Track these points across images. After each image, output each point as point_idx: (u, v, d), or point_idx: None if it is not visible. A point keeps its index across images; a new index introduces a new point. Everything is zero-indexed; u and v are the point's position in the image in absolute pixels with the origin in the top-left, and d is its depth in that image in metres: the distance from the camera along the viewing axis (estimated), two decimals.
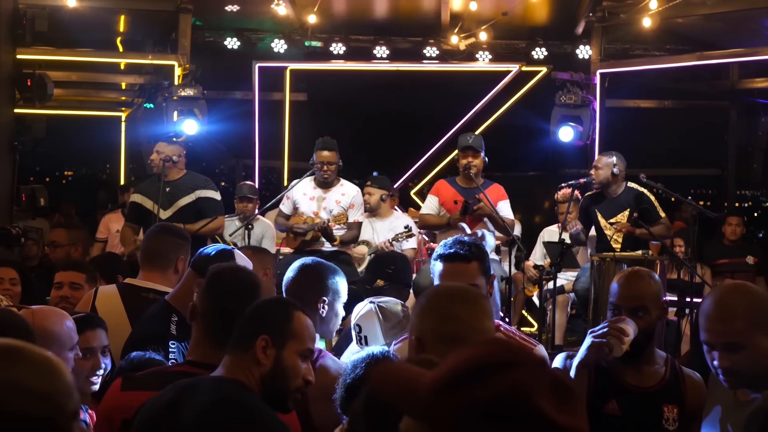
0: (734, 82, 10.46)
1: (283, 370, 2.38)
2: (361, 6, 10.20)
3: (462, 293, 2.34)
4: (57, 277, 4.39)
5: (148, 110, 9.73)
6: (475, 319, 2.25)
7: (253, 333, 2.38)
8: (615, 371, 2.92)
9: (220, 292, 2.65)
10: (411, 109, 10.70)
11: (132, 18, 9.95)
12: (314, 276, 3.19)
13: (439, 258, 3.08)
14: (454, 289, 2.40)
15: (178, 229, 3.92)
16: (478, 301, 2.32)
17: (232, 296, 2.62)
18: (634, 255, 6.41)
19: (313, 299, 3.12)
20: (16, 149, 8.47)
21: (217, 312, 2.62)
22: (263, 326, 2.40)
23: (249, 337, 2.38)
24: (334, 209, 6.74)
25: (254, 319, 2.43)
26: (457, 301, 2.29)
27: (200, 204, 6.62)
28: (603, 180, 6.85)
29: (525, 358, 1.33)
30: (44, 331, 2.82)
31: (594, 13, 9.49)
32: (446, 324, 2.22)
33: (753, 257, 8.40)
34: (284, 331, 2.40)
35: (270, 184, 11.99)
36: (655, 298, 2.92)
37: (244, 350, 2.38)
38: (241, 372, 2.37)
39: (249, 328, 2.41)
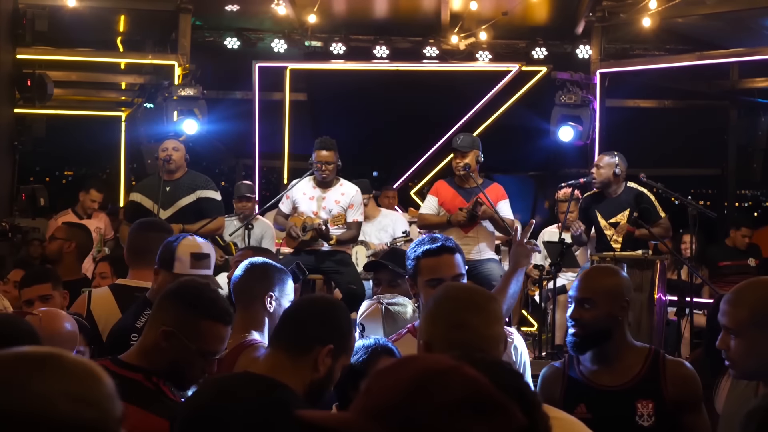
0: (734, 82, 10.46)
1: (330, 381, 2.42)
2: (361, 6, 10.20)
3: (472, 298, 2.30)
4: (24, 294, 4.26)
5: (148, 110, 9.72)
6: (485, 326, 2.23)
7: (320, 339, 2.38)
8: (586, 375, 2.97)
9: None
10: (411, 109, 10.70)
11: (132, 18, 9.95)
12: (261, 273, 3.19)
13: (424, 254, 3.01)
14: (463, 294, 2.35)
15: (163, 224, 3.92)
16: (488, 306, 2.29)
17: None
18: (634, 255, 6.42)
19: (260, 295, 3.13)
20: (16, 149, 8.47)
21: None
22: (332, 336, 2.41)
23: (313, 341, 2.38)
24: (333, 209, 6.74)
25: (321, 324, 2.43)
26: (467, 307, 2.26)
27: (201, 204, 6.61)
28: (604, 179, 6.85)
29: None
30: (53, 333, 2.83)
31: (594, 12, 9.49)
32: (455, 331, 2.20)
33: (754, 259, 8.42)
34: (345, 345, 2.45)
35: (270, 184, 11.99)
36: (607, 294, 2.92)
37: (304, 353, 2.38)
38: (294, 372, 2.36)
39: (315, 332, 2.40)
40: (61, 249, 5.54)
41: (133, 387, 2.41)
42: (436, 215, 6.99)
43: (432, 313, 2.29)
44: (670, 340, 6.94)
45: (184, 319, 2.48)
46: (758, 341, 2.48)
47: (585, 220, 7.01)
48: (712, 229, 9.12)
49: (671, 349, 6.85)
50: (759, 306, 2.50)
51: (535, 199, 12.18)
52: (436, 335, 2.23)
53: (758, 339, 2.47)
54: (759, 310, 2.49)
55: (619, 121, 10.03)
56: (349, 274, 6.70)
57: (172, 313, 2.50)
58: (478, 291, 2.38)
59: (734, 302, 2.53)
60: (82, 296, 3.79)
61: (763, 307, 2.50)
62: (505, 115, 10.42)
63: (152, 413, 2.38)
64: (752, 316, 2.48)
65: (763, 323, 2.48)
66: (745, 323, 2.48)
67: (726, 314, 2.53)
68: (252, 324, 3.09)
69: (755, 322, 2.48)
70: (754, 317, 2.48)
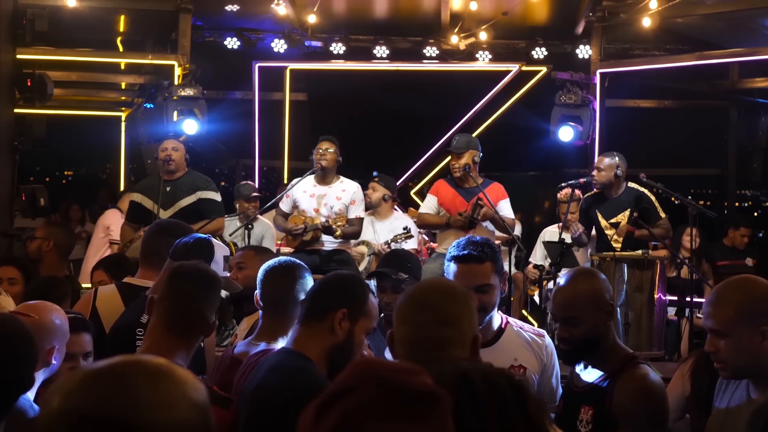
0: (734, 82, 10.46)
1: (351, 344, 2.60)
2: (361, 6, 10.20)
3: (420, 297, 2.27)
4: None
5: (148, 110, 9.72)
6: (430, 325, 2.19)
7: (333, 305, 2.59)
8: (575, 374, 3.02)
9: (176, 291, 2.74)
10: (411, 109, 10.70)
11: (132, 18, 9.95)
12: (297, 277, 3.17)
13: (452, 259, 3.11)
14: (416, 292, 2.31)
15: (177, 228, 3.85)
16: (431, 305, 2.24)
17: (186, 296, 2.72)
18: (634, 254, 6.42)
19: (298, 299, 3.09)
20: (16, 149, 8.47)
21: (169, 309, 2.71)
22: (344, 300, 2.61)
23: (327, 308, 2.59)
24: (334, 206, 6.73)
25: (335, 292, 2.64)
26: (411, 305, 2.25)
27: (201, 205, 6.62)
28: (606, 181, 6.84)
29: (362, 380, 1.31)
30: (51, 325, 2.85)
31: (594, 12, 9.48)
32: (400, 328, 2.22)
33: (752, 259, 8.41)
34: (360, 309, 2.63)
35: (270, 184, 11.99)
36: (590, 305, 2.88)
37: (320, 320, 2.59)
38: (312, 340, 2.58)
39: (328, 300, 2.61)
40: (41, 248, 5.55)
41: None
42: (436, 215, 6.99)
43: (395, 308, 2.29)
44: (670, 340, 6.94)
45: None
46: (747, 338, 2.49)
47: (586, 221, 7.01)
48: (712, 229, 9.11)
49: (671, 350, 6.86)
50: (744, 303, 2.51)
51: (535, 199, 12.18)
52: (394, 330, 2.24)
53: (746, 336, 2.49)
54: (744, 306, 2.50)
55: (619, 121, 10.03)
56: None
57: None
58: (441, 290, 2.30)
59: (717, 303, 2.53)
60: (88, 293, 3.78)
61: (748, 303, 2.51)
62: (505, 115, 10.42)
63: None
64: (738, 313, 2.49)
65: (749, 319, 2.49)
66: (732, 322, 2.49)
67: (711, 316, 2.54)
68: (285, 329, 3.03)
69: (742, 319, 2.49)
70: (739, 314, 2.49)
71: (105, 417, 1.17)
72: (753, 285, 2.57)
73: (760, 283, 2.59)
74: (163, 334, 2.72)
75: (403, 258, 4.59)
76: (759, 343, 2.48)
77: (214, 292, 2.83)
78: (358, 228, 6.82)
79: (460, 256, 3.09)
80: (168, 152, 6.65)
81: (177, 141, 6.93)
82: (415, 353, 2.09)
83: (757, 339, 2.48)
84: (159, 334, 2.73)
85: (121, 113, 10.98)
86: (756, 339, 2.48)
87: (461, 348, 2.13)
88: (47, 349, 2.84)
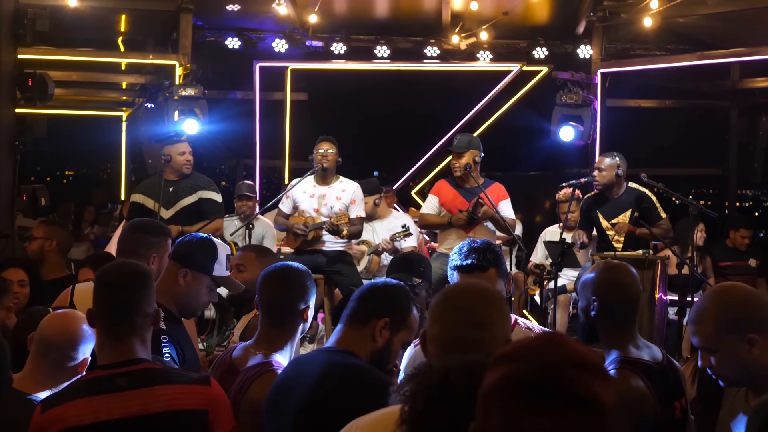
0: (735, 82, 10.46)
1: (388, 353, 2.68)
2: (361, 6, 10.20)
3: (459, 302, 2.28)
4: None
5: (149, 110, 9.72)
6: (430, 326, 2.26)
7: (377, 313, 2.67)
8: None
9: (104, 289, 2.67)
10: (412, 109, 10.70)
11: (133, 18, 9.95)
12: (300, 284, 3.07)
13: (456, 269, 3.15)
14: (460, 295, 2.34)
15: (152, 226, 3.78)
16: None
17: (115, 289, 2.65)
18: (635, 254, 6.42)
19: (299, 307, 3.04)
20: (17, 149, 8.47)
21: (104, 310, 2.64)
22: (387, 310, 2.68)
23: (371, 315, 2.67)
24: (334, 206, 6.73)
25: (380, 300, 2.71)
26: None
27: (201, 205, 6.63)
28: (606, 182, 6.84)
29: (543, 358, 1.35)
30: (85, 334, 2.90)
31: (595, 12, 9.48)
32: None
33: (755, 260, 8.41)
34: (402, 321, 2.70)
35: (270, 183, 12.00)
36: (633, 290, 2.92)
37: (363, 324, 2.67)
38: (354, 342, 2.65)
39: (373, 307, 2.69)
40: (42, 248, 5.53)
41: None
42: (437, 215, 6.99)
43: (429, 307, 2.32)
44: (671, 339, 6.95)
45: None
46: (734, 349, 2.47)
47: (586, 221, 7.01)
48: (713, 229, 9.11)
49: (672, 349, 6.86)
50: (721, 315, 2.49)
51: (536, 199, 12.18)
52: (427, 328, 2.26)
53: (733, 346, 2.47)
54: (722, 319, 2.49)
55: (619, 121, 10.02)
56: (350, 274, 6.70)
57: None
58: (473, 291, 2.34)
59: (697, 320, 2.53)
60: (65, 291, 3.73)
61: (725, 314, 2.49)
62: (506, 115, 10.42)
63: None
64: (717, 327, 2.48)
65: (730, 330, 2.47)
66: (715, 336, 2.49)
67: (696, 334, 2.55)
68: (284, 340, 3.01)
69: (723, 332, 2.47)
70: (719, 328, 2.48)
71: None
72: (729, 295, 2.55)
73: (737, 290, 2.57)
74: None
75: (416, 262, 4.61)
76: (747, 351, 2.46)
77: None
78: (360, 227, 6.82)
79: (464, 266, 3.14)
80: (186, 156, 6.72)
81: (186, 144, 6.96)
82: (447, 353, 2.11)
83: (744, 348, 2.46)
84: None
85: (122, 113, 10.98)
86: (743, 348, 2.46)
87: (493, 350, 2.14)
88: (84, 360, 2.89)
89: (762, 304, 2.53)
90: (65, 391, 2.58)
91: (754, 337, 2.45)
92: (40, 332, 2.91)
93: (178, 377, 2.57)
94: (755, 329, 2.45)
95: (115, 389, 2.48)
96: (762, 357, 2.45)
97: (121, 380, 2.49)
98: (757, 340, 2.45)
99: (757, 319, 2.48)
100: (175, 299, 3.28)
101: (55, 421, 2.46)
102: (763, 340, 2.45)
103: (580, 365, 1.30)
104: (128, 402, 2.47)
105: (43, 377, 2.86)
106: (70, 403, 2.48)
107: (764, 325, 2.48)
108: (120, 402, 2.47)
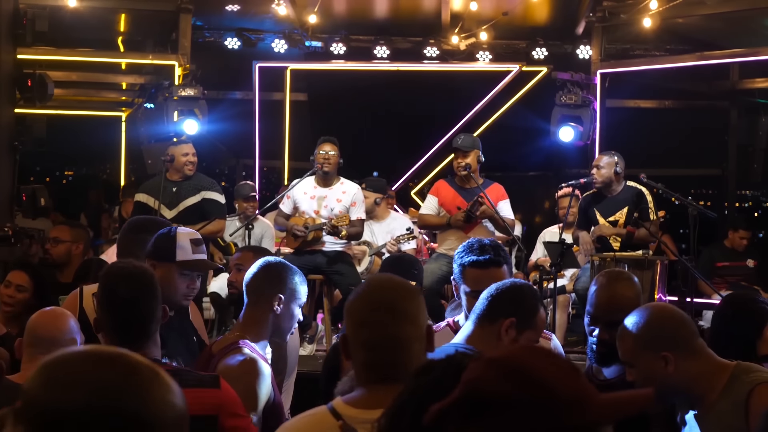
0: (734, 82, 10.46)
1: None
2: (361, 6, 10.20)
3: (382, 296, 2.14)
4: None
5: (148, 110, 9.73)
6: (392, 325, 2.09)
7: (504, 312, 2.75)
8: (594, 369, 3.09)
9: (115, 304, 2.64)
10: (411, 109, 10.70)
11: (132, 18, 9.95)
12: (274, 273, 3.15)
13: (472, 264, 3.15)
14: (374, 291, 2.19)
15: (148, 225, 3.73)
16: (399, 305, 2.12)
17: (130, 305, 2.62)
18: (634, 255, 6.41)
19: (269, 296, 3.10)
20: (16, 149, 8.46)
21: (115, 324, 2.62)
22: (514, 310, 2.76)
23: (498, 314, 2.75)
24: (335, 207, 6.73)
25: (508, 300, 2.78)
26: (373, 305, 2.12)
27: (204, 205, 6.65)
28: (606, 179, 6.84)
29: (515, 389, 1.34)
30: (74, 328, 2.87)
31: (594, 13, 9.48)
32: (360, 330, 2.10)
33: (753, 260, 8.40)
34: (529, 321, 2.78)
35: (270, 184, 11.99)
36: (633, 309, 2.88)
37: (490, 323, 2.76)
38: (481, 340, 2.74)
39: (501, 306, 2.76)
40: (70, 251, 5.48)
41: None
42: (436, 215, 6.98)
43: (347, 309, 2.15)
44: None
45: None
46: (650, 366, 2.53)
47: (584, 220, 7.01)
48: (712, 229, 9.11)
49: None
50: (639, 332, 2.56)
51: (535, 199, 12.18)
52: (348, 332, 2.12)
53: (649, 364, 2.53)
54: (640, 335, 2.55)
55: (619, 122, 10.02)
56: (350, 274, 6.69)
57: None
58: (394, 287, 2.18)
59: (620, 335, 2.62)
60: (73, 294, 3.67)
61: (643, 331, 2.55)
62: (506, 116, 10.42)
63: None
64: (635, 342, 2.56)
65: (647, 347, 2.54)
66: (632, 352, 2.57)
67: (618, 348, 2.64)
68: (251, 326, 3.08)
69: (640, 348, 2.55)
70: (637, 344, 2.55)
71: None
72: (650, 313, 2.61)
73: (659, 310, 2.66)
74: None
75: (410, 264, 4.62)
76: (663, 368, 2.51)
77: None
78: (360, 229, 6.82)
79: (481, 261, 3.14)
80: (190, 158, 6.73)
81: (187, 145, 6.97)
82: (378, 355, 2.04)
83: (660, 365, 2.52)
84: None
85: (121, 113, 10.98)
86: (659, 365, 2.52)
87: (419, 342, 2.09)
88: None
89: (681, 324, 2.61)
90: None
91: (667, 356, 2.51)
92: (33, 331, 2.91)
93: (188, 380, 2.54)
94: (669, 348, 2.52)
95: None
96: (677, 375, 2.52)
97: None
98: (671, 359, 2.51)
99: (672, 337, 2.55)
100: None
101: None
102: (676, 359, 2.52)
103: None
104: None
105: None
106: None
107: (679, 344, 2.55)
108: None
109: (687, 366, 2.54)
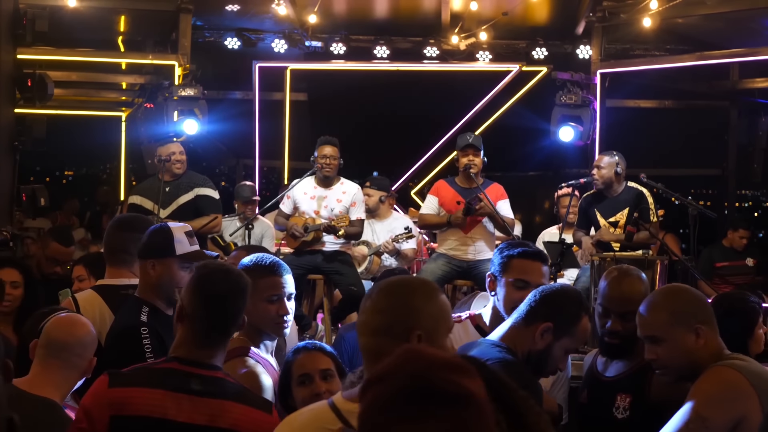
0: (734, 82, 10.46)
1: (548, 357, 2.76)
2: (361, 6, 10.20)
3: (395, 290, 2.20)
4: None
5: (148, 110, 9.73)
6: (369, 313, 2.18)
7: (543, 315, 2.75)
8: (599, 365, 3.14)
9: (211, 297, 2.59)
10: (411, 109, 10.70)
11: (132, 18, 9.96)
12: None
13: (520, 255, 3.17)
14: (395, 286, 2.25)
15: (137, 222, 3.70)
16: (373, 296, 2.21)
17: (224, 301, 2.59)
18: (634, 255, 6.41)
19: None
20: (16, 149, 8.47)
21: (206, 315, 2.58)
22: (553, 315, 2.75)
23: (537, 317, 2.76)
24: (335, 208, 6.72)
25: (548, 304, 2.77)
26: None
27: (198, 202, 6.64)
28: (606, 180, 6.82)
29: (394, 371, 1.38)
30: (94, 338, 2.94)
31: (594, 13, 9.49)
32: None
33: (752, 260, 8.40)
34: (567, 328, 2.77)
35: (270, 184, 12.00)
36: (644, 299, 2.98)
37: (527, 324, 2.77)
38: (515, 339, 2.76)
39: (541, 309, 2.76)
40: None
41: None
42: (437, 215, 6.98)
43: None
44: None
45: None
46: (682, 339, 2.67)
47: (585, 220, 7.00)
48: (712, 229, 9.11)
49: None
50: (676, 306, 2.70)
51: (535, 199, 12.18)
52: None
53: (681, 337, 2.67)
54: (676, 309, 2.69)
55: (619, 122, 10.03)
56: (350, 275, 6.69)
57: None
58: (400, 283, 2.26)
59: (650, 309, 2.72)
60: (67, 301, 3.61)
61: (679, 306, 2.70)
62: (506, 116, 10.43)
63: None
64: (671, 316, 2.68)
65: (681, 322, 2.67)
66: (667, 326, 2.68)
67: (645, 324, 2.72)
68: (250, 328, 2.97)
69: (675, 322, 2.67)
70: (672, 318, 2.68)
71: None
72: (681, 290, 2.82)
73: (687, 289, 2.86)
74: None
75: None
76: (694, 341, 2.66)
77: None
78: (360, 229, 6.82)
79: (531, 252, 3.20)
80: (177, 156, 6.69)
81: (180, 144, 6.95)
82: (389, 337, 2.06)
83: (691, 338, 2.66)
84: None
85: (121, 113, 10.99)
86: (690, 338, 2.66)
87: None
88: (90, 360, 2.91)
89: (706, 303, 2.82)
90: (136, 374, 2.54)
91: (700, 328, 2.66)
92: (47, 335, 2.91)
93: (246, 398, 2.54)
94: (701, 321, 2.69)
95: (189, 391, 2.47)
96: (705, 348, 2.67)
97: (195, 382, 2.48)
98: (702, 331, 2.67)
99: (703, 312, 2.73)
100: (155, 292, 3.25)
101: (125, 403, 2.45)
102: (706, 333, 2.69)
103: (448, 367, 1.36)
104: (198, 408, 2.46)
105: (55, 378, 2.85)
106: (143, 389, 2.46)
107: (708, 319, 2.72)
108: (191, 406, 2.46)
109: (712, 340, 2.69)
